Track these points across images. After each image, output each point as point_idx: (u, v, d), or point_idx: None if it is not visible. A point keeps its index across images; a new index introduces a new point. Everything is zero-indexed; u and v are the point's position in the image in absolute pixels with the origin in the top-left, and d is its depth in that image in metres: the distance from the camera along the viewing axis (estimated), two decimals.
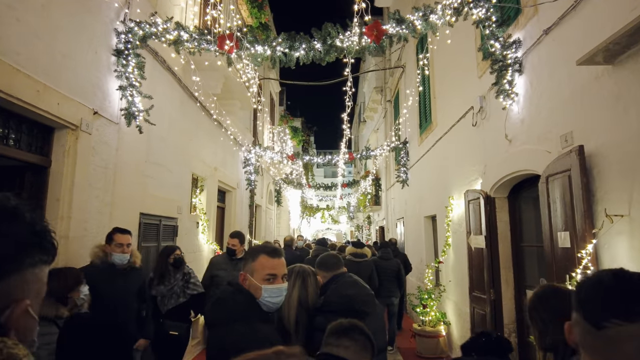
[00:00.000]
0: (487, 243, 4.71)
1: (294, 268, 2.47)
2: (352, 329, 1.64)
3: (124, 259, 3.28)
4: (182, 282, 3.88)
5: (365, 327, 1.68)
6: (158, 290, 3.78)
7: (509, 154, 4.26)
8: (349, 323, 1.67)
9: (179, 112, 5.53)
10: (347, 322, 1.67)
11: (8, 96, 2.72)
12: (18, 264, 0.62)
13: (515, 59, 3.88)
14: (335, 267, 2.54)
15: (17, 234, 0.63)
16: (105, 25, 3.88)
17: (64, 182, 3.35)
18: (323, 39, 3.93)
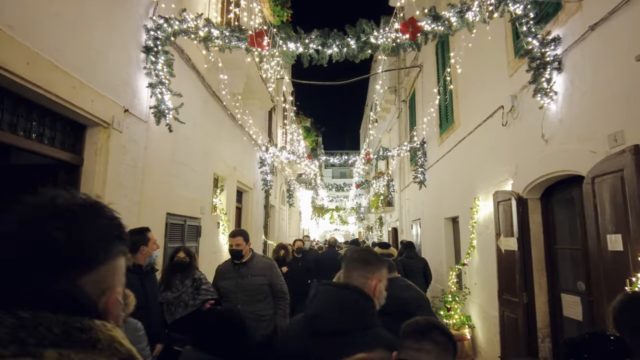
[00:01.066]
0: (519, 245, 4.60)
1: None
2: (431, 328, 1.46)
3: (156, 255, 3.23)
4: (191, 289, 3.47)
5: (444, 326, 1.54)
6: (164, 297, 3.43)
7: (544, 154, 4.15)
8: (426, 322, 1.49)
9: (202, 110, 5.47)
10: (424, 321, 1.49)
11: (47, 92, 2.66)
12: (106, 255, 0.67)
13: (555, 57, 3.77)
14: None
15: (104, 227, 0.68)
16: (135, 22, 3.82)
17: (96, 180, 3.28)
18: (357, 35, 3.84)
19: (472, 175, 6.33)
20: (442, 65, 8.03)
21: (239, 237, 3.63)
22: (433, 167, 8.75)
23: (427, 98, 9.33)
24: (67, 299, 0.57)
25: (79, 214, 0.65)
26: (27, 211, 0.63)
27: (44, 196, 0.66)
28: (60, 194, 0.67)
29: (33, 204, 0.64)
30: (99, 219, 0.68)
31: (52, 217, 0.62)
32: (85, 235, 0.64)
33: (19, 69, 2.41)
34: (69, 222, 0.63)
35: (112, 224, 0.70)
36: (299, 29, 3.91)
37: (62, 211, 0.64)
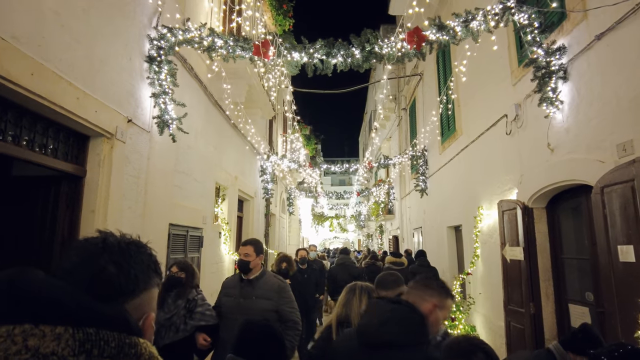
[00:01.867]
0: (525, 255, 4.55)
1: (356, 284, 2.36)
2: (475, 351, 1.39)
3: None
4: (183, 311, 2.94)
5: (484, 343, 1.47)
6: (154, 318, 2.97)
7: (550, 163, 4.13)
8: (469, 343, 1.43)
9: (204, 120, 5.43)
10: (466, 342, 1.44)
11: (51, 104, 2.62)
12: (145, 285, 0.80)
13: (560, 66, 3.77)
14: (396, 285, 2.40)
15: (145, 261, 0.82)
16: (138, 31, 3.79)
17: (99, 192, 3.23)
18: (362, 45, 3.83)
19: (475, 184, 6.30)
20: (443, 73, 8.04)
21: (250, 246, 3.09)
22: (434, 176, 8.72)
23: (427, 106, 9.34)
24: (120, 320, 0.68)
25: (125, 250, 0.79)
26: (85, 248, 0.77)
27: (98, 237, 0.80)
28: (110, 234, 0.81)
29: (88, 242, 0.78)
30: (142, 253, 0.82)
31: (104, 253, 0.76)
32: (130, 268, 0.77)
33: (24, 81, 2.37)
34: (118, 257, 0.76)
35: (150, 259, 0.84)
36: (303, 38, 3.89)
37: (112, 248, 0.77)
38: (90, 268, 0.73)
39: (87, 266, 0.74)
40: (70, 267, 0.74)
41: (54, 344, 0.59)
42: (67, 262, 0.75)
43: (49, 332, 0.60)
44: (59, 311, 0.62)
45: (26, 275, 0.65)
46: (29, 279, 0.64)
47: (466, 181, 6.72)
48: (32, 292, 0.62)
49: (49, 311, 0.62)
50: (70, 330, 0.61)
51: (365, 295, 2.25)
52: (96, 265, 0.74)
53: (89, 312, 0.65)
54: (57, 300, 0.63)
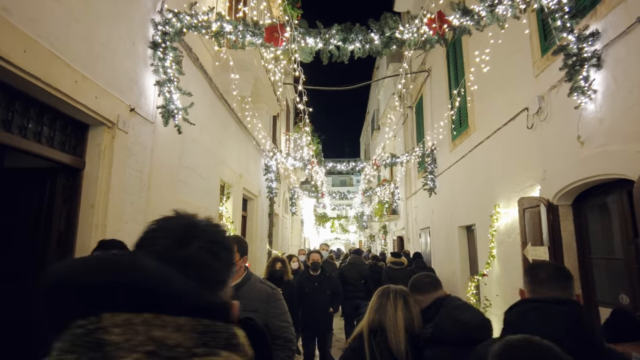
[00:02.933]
0: (550, 255, 4.30)
1: (389, 287, 2.10)
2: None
3: None
4: None
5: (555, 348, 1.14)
6: None
7: (580, 157, 3.88)
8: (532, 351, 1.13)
9: (209, 113, 5.17)
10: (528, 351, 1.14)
11: (46, 85, 2.36)
12: (231, 271, 0.77)
13: (594, 53, 3.52)
14: (433, 288, 2.11)
15: (229, 246, 0.77)
16: (142, 15, 3.54)
17: (99, 186, 2.97)
18: (381, 30, 3.57)
19: (490, 182, 6.05)
20: (454, 68, 7.80)
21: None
22: (444, 174, 8.47)
23: (436, 103, 9.10)
24: (225, 310, 0.64)
25: (212, 235, 0.72)
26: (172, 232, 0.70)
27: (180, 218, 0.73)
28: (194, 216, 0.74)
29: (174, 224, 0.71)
30: (225, 239, 0.75)
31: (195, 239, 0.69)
32: (220, 254, 0.72)
33: (15, 57, 2.11)
34: (209, 243, 0.70)
35: (231, 245, 0.77)
36: (319, 23, 3.64)
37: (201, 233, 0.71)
38: (183, 253, 0.67)
39: (180, 250, 0.67)
40: (162, 251, 0.66)
41: (177, 335, 0.56)
42: (158, 244, 0.67)
43: (171, 322, 0.56)
44: (179, 301, 0.58)
45: (144, 260, 0.60)
46: (148, 264, 0.59)
47: (480, 179, 6.46)
48: (153, 280, 0.57)
49: (170, 301, 0.57)
50: (191, 322, 0.58)
51: (401, 299, 2.00)
52: (190, 250, 0.68)
53: (205, 302, 0.61)
54: (179, 290, 0.58)
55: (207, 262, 0.69)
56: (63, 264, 0.58)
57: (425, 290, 2.09)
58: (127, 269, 0.56)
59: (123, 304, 0.54)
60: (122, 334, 0.53)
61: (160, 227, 0.70)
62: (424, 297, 2.07)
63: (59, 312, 0.55)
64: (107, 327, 0.53)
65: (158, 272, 0.58)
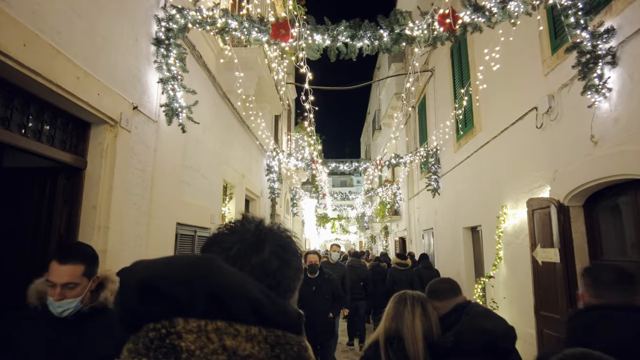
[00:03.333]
0: (561, 257, 4.21)
1: (406, 293, 1.98)
2: None
3: (61, 308, 1.66)
4: None
5: None
6: None
7: (593, 157, 3.79)
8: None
9: (212, 112, 5.08)
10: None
11: (47, 82, 2.26)
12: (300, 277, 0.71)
13: (609, 50, 3.43)
14: (452, 294, 1.99)
15: (297, 251, 0.72)
16: (145, 11, 3.44)
17: (101, 186, 2.87)
18: (390, 27, 3.48)
19: (497, 182, 5.96)
20: (458, 68, 7.72)
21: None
22: (448, 175, 8.38)
23: (439, 103, 9.01)
24: (297, 321, 0.61)
25: (280, 240, 0.69)
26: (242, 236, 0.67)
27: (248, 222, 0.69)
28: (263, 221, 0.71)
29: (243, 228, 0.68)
30: (292, 244, 0.71)
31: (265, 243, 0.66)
32: (291, 261, 0.68)
33: (14, 51, 2.01)
34: (278, 248, 0.67)
35: (298, 249, 0.73)
36: (326, 19, 3.55)
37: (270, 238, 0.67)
38: (257, 258, 0.64)
39: (253, 255, 0.64)
40: (237, 254, 0.64)
41: (249, 345, 0.54)
42: (231, 248, 0.64)
43: (243, 332, 0.54)
44: (253, 310, 0.55)
45: (219, 265, 0.57)
46: (226, 271, 0.57)
47: (486, 179, 6.37)
48: (232, 287, 0.55)
49: (244, 309, 0.55)
50: (263, 332, 0.56)
51: (419, 306, 1.89)
52: (262, 255, 0.65)
53: (279, 312, 0.58)
54: (254, 299, 0.56)
55: (279, 268, 0.66)
56: (146, 264, 0.57)
57: (443, 297, 1.98)
58: (209, 275, 0.55)
59: (198, 309, 0.53)
60: (195, 341, 0.52)
61: (233, 231, 0.68)
62: (442, 304, 1.97)
63: (134, 313, 0.54)
64: (180, 332, 0.52)
65: (236, 279, 0.56)
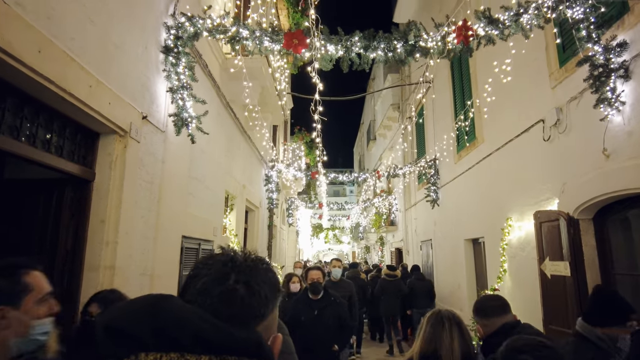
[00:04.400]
0: (572, 270, 4.17)
1: (442, 314, 1.91)
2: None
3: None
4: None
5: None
6: None
7: (605, 170, 3.77)
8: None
9: (216, 122, 4.98)
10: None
11: (60, 90, 2.16)
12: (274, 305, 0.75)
13: (622, 63, 3.44)
14: (501, 311, 1.92)
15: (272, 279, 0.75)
16: (155, 18, 3.36)
17: (110, 199, 2.74)
18: (405, 38, 3.45)
19: (501, 194, 5.94)
20: (459, 79, 7.75)
21: None
22: (448, 186, 8.37)
23: (438, 114, 9.04)
24: (257, 346, 0.63)
25: (253, 268, 0.73)
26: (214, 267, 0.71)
27: (224, 254, 0.75)
28: (234, 250, 0.78)
29: (216, 260, 0.73)
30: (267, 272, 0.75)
31: (232, 272, 0.70)
32: (260, 289, 0.71)
33: (29, 58, 1.91)
34: (247, 277, 0.70)
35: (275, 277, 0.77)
36: (340, 30, 3.50)
37: (240, 267, 0.71)
38: (220, 289, 0.69)
39: (217, 287, 0.69)
40: (201, 288, 0.70)
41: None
42: (199, 281, 0.71)
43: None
44: (198, 339, 0.60)
45: (170, 302, 0.63)
46: (173, 307, 0.62)
47: (489, 191, 6.35)
48: (176, 320, 0.60)
49: (192, 340, 0.59)
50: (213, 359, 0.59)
51: (456, 327, 1.84)
52: (226, 286, 0.69)
53: (229, 339, 0.61)
54: (199, 329, 0.60)
55: (243, 297, 0.68)
56: (111, 308, 0.65)
57: (491, 314, 1.91)
58: (157, 312, 0.61)
59: (150, 343, 0.59)
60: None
61: (205, 264, 0.73)
62: (489, 322, 1.89)
63: (106, 350, 0.60)
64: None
65: (181, 312, 0.61)
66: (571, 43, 4.11)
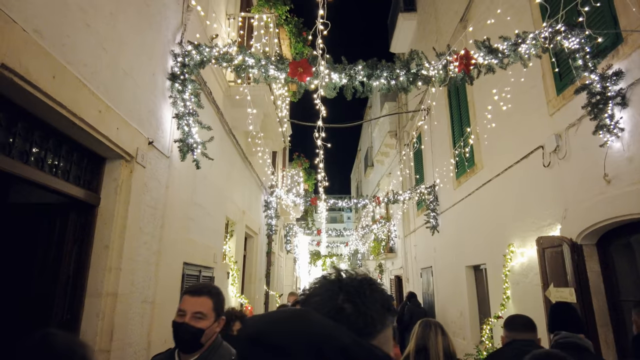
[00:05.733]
0: (577, 297, 4.12)
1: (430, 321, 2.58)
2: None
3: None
4: None
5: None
6: None
7: (607, 196, 3.80)
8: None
9: (218, 148, 5.00)
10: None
11: (71, 114, 2.17)
12: (382, 325, 0.76)
13: (619, 91, 3.53)
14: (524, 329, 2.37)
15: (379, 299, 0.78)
16: (163, 46, 3.43)
17: (115, 224, 2.72)
18: (407, 66, 3.53)
19: (502, 220, 5.94)
20: (456, 107, 7.89)
21: (205, 296, 1.80)
22: (447, 212, 8.36)
23: (436, 141, 9.15)
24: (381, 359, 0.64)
25: (359, 288, 0.76)
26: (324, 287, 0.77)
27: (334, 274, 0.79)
28: (344, 271, 0.80)
29: (327, 280, 0.79)
30: (374, 292, 0.77)
31: (341, 292, 0.75)
32: (366, 309, 0.74)
33: (44, 83, 1.93)
34: (354, 296, 0.74)
35: (384, 297, 0.79)
36: (344, 58, 3.58)
37: (347, 287, 0.76)
38: (328, 308, 0.73)
39: (326, 306, 0.73)
40: (315, 305, 0.74)
41: None
42: (312, 299, 0.76)
43: None
44: (344, 354, 0.60)
45: (315, 315, 0.65)
46: (319, 320, 0.64)
47: (490, 217, 6.36)
48: (323, 334, 0.61)
49: (337, 355, 0.59)
50: None
51: (440, 329, 2.49)
52: (334, 304, 0.73)
53: (367, 355, 0.63)
54: (345, 345, 0.61)
55: (349, 315, 0.72)
56: (258, 318, 0.67)
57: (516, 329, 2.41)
58: (309, 325, 0.62)
59: (299, 356, 0.59)
60: None
61: (318, 284, 0.79)
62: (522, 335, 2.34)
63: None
64: None
65: (328, 328, 0.63)
66: (568, 72, 4.23)
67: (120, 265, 2.68)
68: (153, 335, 3.14)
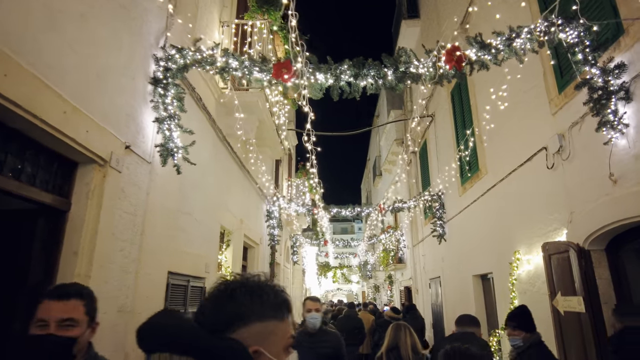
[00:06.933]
0: (586, 306, 3.86)
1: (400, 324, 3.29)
2: None
3: None
4: None
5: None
6: None
7: (613, 197, 3.57)
8: None
9: (211, 155, 4.92)
10: None
11: (32, 117, 2.09)
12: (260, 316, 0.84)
13: (622, 85, 3.32)
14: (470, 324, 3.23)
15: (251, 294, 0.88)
16: (144, 50, 3.37)
17: (85, 230, 2.61)
18: (395, 65, 3.40)
19: (507, 226, 5.69)
20: (460, 111, 7.70)
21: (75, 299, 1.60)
22: (454, 220, 8.11)
23: (441, 147, 8.94)
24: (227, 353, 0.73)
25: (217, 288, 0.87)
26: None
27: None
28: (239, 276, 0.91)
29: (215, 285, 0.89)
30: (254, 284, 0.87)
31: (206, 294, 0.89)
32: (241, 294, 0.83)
33: None
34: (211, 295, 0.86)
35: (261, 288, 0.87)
36: (329, 58, 3.47)
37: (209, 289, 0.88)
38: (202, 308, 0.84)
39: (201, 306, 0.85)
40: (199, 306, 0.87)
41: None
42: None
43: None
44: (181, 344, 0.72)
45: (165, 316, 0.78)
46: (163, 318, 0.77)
47: (495, 224, 6.11)
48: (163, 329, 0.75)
49: (175, 344, 0.73)
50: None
51: (409, 331, 3.16)
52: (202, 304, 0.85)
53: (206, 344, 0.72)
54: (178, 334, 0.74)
55: (209, 312, 0.82)
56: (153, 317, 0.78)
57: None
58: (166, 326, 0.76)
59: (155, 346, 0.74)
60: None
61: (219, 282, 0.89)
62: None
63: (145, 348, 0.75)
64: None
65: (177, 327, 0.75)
66: (569, 68, 4.03)
67: (90, 272, 2.57)
68: (132, 346, 3.01)
